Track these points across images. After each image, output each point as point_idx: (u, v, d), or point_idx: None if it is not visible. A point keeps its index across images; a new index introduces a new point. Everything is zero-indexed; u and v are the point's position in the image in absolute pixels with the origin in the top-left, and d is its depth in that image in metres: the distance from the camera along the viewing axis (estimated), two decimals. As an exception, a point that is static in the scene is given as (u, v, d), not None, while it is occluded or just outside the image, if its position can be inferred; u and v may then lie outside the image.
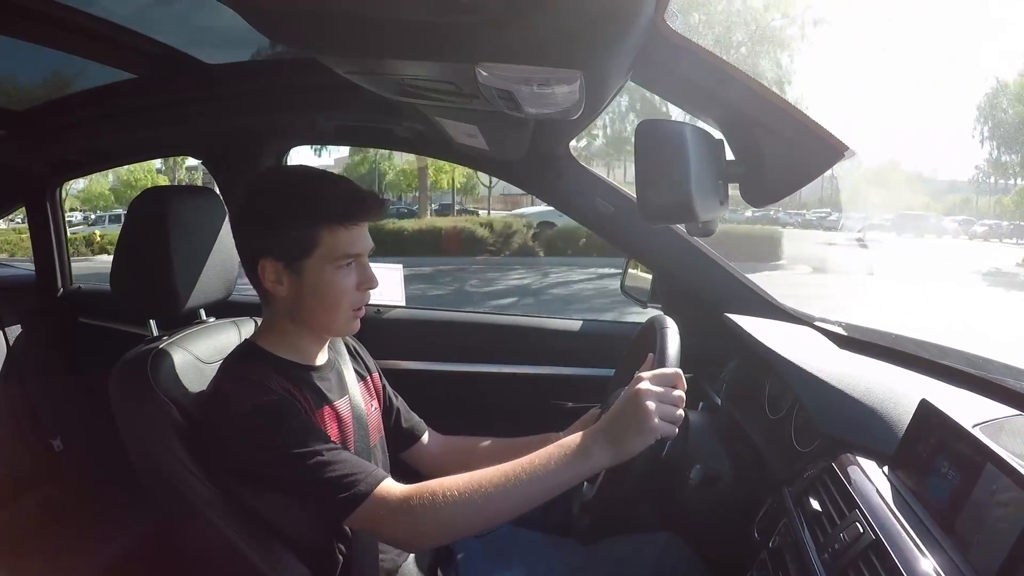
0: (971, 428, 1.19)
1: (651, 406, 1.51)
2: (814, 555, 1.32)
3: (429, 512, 1.50)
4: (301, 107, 2.75)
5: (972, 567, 1.03)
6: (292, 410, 1.61)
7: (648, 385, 1.54)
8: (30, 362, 3.05)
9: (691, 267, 2.58)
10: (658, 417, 1.51)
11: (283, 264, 1.70)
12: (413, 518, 1.52)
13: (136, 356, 1.78)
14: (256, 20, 1.24)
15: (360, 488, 1.53)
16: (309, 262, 1.68)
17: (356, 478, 1.54)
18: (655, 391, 1.53)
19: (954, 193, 50.10)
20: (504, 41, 1.14)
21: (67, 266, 3.59)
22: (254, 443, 1.57)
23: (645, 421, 1.50)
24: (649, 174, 1.44)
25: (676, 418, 1.54)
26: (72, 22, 2.08)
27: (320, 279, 1.69)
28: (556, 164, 2.63)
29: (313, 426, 1.63)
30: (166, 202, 1.94)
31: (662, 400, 1.53)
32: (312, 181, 1.73)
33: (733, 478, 1.90)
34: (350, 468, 1.56)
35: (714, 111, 1.61)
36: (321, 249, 1.67)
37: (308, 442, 1.56)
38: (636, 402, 1.52)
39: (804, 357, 1.83)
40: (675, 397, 1.55)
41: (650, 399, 1.51)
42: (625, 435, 1.52)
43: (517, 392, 2.90)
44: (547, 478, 1.52)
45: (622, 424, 1.53)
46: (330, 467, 1.54)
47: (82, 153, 3.25)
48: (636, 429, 1.51)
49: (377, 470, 1.60)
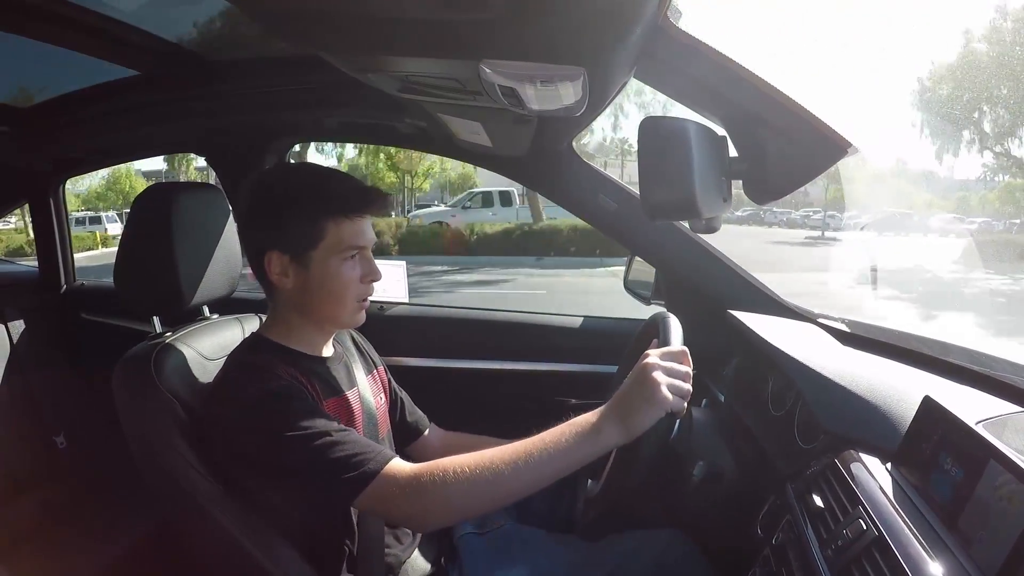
0: (974, 425, 1.19)
1: (659, 378, 1.52)
2: (817, 551, 1.31)
3: (439, 488, 1.51)
4: (304, 104, 2.75)
5: (975, 563, 1.03)
6: (299, 394, 1.63)
7: (656, 359, 1.55)
8: (33, 359, 3.05)
9: (694, 264, 2.58)
10: (666, 389, 1.51)
11: (289, 256, 1.72)
12: (423, 495, 1.52)
13: (139, 353, 1.79)
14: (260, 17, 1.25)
15: (370, 467, 1.54)
16: (315, 254, 1.71)
17: (365, 457, 1.55)
18: (663, 365, 1.54)
19: (965, 191, 49.91)
20: (508, 38, 1.14)
21: (70, 263, 3.60)
22: (262, 428, 1.58)
23: (654, 393, 1.51)
24: (652, 171, 1.44)
25: (684, 392, 1.54)
26: (75, 19, 2.08)
27: (326, 271, 1.72)
28: (559, 161, 2.63)
29: (320, 409, 1.64)
30: (170, 198, 1.94)
31: (670, 374, 1.54)
32: (318, 176, 1.77)
33: (736, 474, 1.90)
34: (359, 448, 1.57)
35: (717, 108, 1.61)
36: (327, 241, 1.70)
37: (316, 424, 1.57)
38: (644, 375, 1.53)
39: (807, 354, 1.83)
40: (682, 372, 1.56)
41: (658, 371, 1.52)
42: (634, 409, 1.52)
43: (520, 389, 2.91)
44: (558, 456, 1.53)
45: (631, 399, 1.54)
46: (339, 447, 1.55)
47: (85, 150, 3.25)
48: (646, 402, 1.52)
49: (385, 449, 1.61)
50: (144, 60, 2.51)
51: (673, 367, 1.55)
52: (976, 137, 29.13)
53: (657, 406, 1.51)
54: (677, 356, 1.58)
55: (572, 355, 2.91)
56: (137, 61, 2.53)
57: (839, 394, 1.61)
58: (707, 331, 2.34)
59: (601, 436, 1.53)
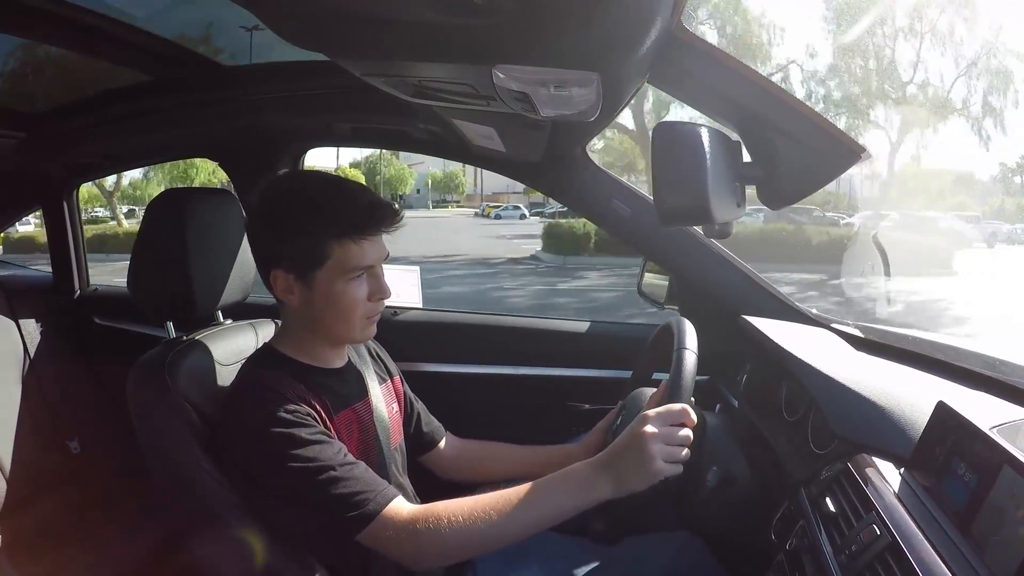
0: (988, 430, 1.18)
1: (654, 450, 1.53)
2: (831, 557, 1.31)
3: (433, 536, 1.55)
4: (317, 109, 2.75)
5: (989, 569, 1.02)
6: (306, 421, 1.62)
7: (653, 428, 1.55)
8: (47, 364, 3.06)
9: (708, 269, 2.57)
10: (662, 460, 1.53)
11: (293, 276, 1.71)
12: (417, 542, 1.56)
13: (153, 357, 1.79)
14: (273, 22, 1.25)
15: (369, 508, 1.56)
16: (319, 274, 1.69)
17: (366, 497, 1.57)
18: (659, 434, 1.55)
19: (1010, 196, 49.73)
20: (521, 43, 1.15)
21: (84, 268, 3.60)
22: (266, 454, 1.58)
23: (649, 465, 1.53)
24: (666, 176, 1.44)
25: (681, 458, 1.56)
26: (87, 23, 2.08)
27: (331, 291, 1.70)
28: (573, 166, 2.63)
29: (326, 439, 1.63)
30: (183, 203, 1.95)
31: (667, 442, 1.55)
32: (324, 192, 1.73)
33: (750, 480, 1.90)
34: (360, 486, 1.58)
35: (731, 113, 1.61)
36: (331, 262, 1.68)
37: (320, 456, 1.58)
38: (639, 446, 1.55)
39: (820, 359, 1.83)
40: (681, 437, 1.57)
41: (654, 443, 1.54)
42: (628, 473, 1.56)
43: (534, 394, 2.90)
44: (550, 508, 1.58)
45: (626, 462, 1.56)
46: (341, 483, 1.57)
47: (98, 155, 3.26)
48: (639, 471, 1.54)
49: (387, 488, 1.63)
50: (157, 65, 2.52)
51: (670, 434, 1.56)
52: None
53: (651, 476, 1.54)
54: (678, 417, 1.58)
55: (585, 360, 2.90)
56: (150, 66, 2.54)
57: (853, 399, 1.60)
58: (720, 336, 2.34)
59: (593, 493, 1.57)
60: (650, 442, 1.53)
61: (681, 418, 1.58)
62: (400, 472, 1.97)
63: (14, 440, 2.75)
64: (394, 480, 1.88)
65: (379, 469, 1.79)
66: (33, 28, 2.15)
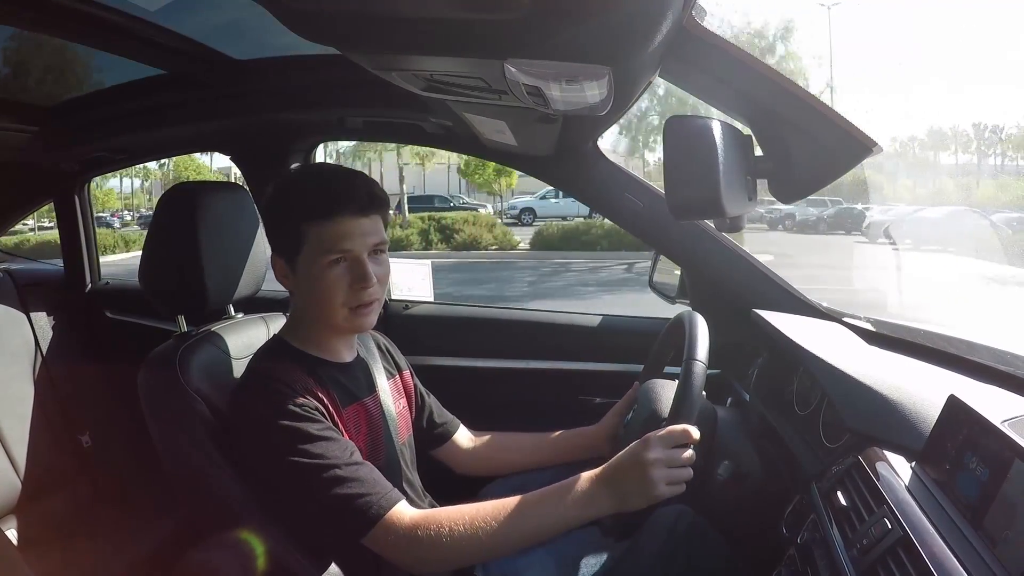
0: (1000, 424, 1.18)
1: (657, 476, 1.56)
2: (842, 551, 1.31)
3: (434, 544, 1.56)
4: (330, 103, 2.76)
5: (1000, 563, 1.02)
6: (314, 416, 1.63)
7: (655, 453, 1.57)
8: (59, 358, 3.06)
9: (719, 263, 2.58)
10: (664, 484, 1.56)
11: (283, 260, 1.76)
12: (418, 549, 1.57)
13: (165, 351, 1.80)
14: (286, 17, 1.25)
15: (372, 512, 1.57)
16: (301, 258, 1.72)
17: (369, 500, 1.58)
18: (662, 458, 1.57)
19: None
20: (533, 38, 1.15)
21: (96, 262, 3.62)
22: (272, 447, 1.59)
23: (651, 490, 1.56)
24: (677, 170, 1.44)
25: (683, 479, 1.59)
26: (102, 18, 2.08)
27: (311, 274, 1.72)
28: (585, 160, 2.63)
29: (334, 436, 1.64)
30: (195, 198, 1.95)
31: (669, 465, 1.57)
32: (306, 179, 1.81)
33: (761, 474, 1.91)
34: (365, 488, 1.59)
35: (742, 107, 1.61)
36: (308, 245, 1.70)
37: (327, 453, 1.59)
38: (642, 473, 1.57)
39: (832, 353, 1.83)
40: (683, 460, 1.59)
41: (657, 469, 1.56)
42: (630, 495, 1.58)
43: (545, 388, 2.91)
44: (551, 520, 1.60)
45: (628, 482, 1.59)
46: (346, 484, 1.58)
47: (111, 149, 3.27)
48: (642, 491, 1.57)
49: (390, 491, 1.63)
50: (170, 59, 2.52)
51: (673, 457, 1.58)
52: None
53: (653, 499, 1.57)
54: (681, 438, 1.60)
55: (596, 354, 2.91)
56: (163, 60, 2.53)
57: (864, 393, 1.60)
58: (732, 330, 2.34)
59: (594, 507, 1.60)
60: (653, 468, 1.56)
61: (684, 439, 1.60)
62: (409, 467, 1.98)
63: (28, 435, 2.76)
64: (403, 475, 1.89)
65: (388, 464, 1.81)
66: (47, 23, 2.15)
